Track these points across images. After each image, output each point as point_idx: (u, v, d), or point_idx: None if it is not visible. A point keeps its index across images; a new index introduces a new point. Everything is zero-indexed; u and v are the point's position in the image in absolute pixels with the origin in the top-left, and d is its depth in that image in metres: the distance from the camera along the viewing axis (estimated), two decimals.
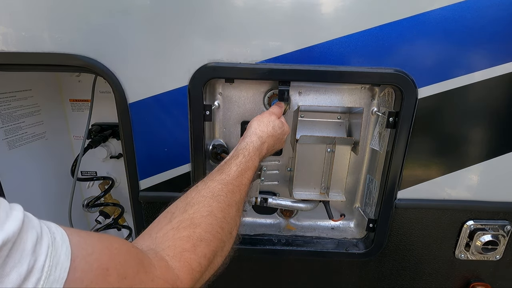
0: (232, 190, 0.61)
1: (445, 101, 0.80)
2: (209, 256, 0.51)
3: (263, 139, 0.74)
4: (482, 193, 0.90)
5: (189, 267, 0.46)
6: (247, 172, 0.66)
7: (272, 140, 0.77)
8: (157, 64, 0.78)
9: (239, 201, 0.62)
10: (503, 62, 0.77)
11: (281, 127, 0.80)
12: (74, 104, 1.27)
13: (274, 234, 1.03)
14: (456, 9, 0.73)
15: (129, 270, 0.36)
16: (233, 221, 0.59)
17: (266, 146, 0.75)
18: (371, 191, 0.97)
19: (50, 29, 0.75)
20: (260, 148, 0.73)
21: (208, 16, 0.74)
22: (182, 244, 0.49)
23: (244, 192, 0.65)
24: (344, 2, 0.73)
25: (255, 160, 0.70)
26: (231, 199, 0.60)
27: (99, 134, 1.22)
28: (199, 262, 0.48)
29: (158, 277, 0.40)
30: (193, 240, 0.50)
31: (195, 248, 0.49)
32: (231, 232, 0.58)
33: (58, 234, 0.32)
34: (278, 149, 0.83)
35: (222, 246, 0.55)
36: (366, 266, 1.01)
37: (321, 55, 0.77)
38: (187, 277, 0.45)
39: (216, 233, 0.54)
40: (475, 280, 1.02)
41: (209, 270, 0.52)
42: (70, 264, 0.31)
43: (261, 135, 0.74)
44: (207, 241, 0.51)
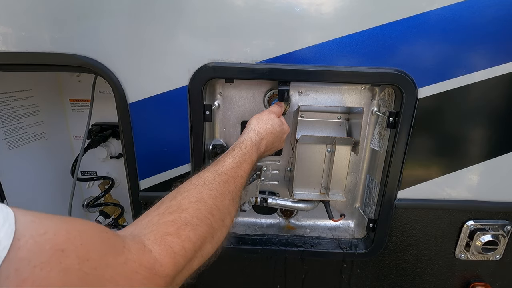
0: (226, 180, 0.60)
1: (445, 101, 0.80)
2: (194, 241, 0.48)
3: (262, 135, 0.74)
4: (482, 193, 0.90)
5: (171, 251, 0.44)
6: (243, 165, 0.65)
7: (271, 137, 0.76)
8: (157, 64, 0.78)
9: (234, 191, 0.61)
10: (503, 62, 0.77)
11: (281, 126, 0.79)
12: (74, 104, 1.27)
13: (274, 234, 1.03)
14: (456, 9, 0.73)
15: (92, 252, 0.34)
16: (226, 209, 0.57)
17: (265, 143, 0.74)
18: (371, 191, 0.97)
19: (50, 29, 0.75)
20: (258, 143, 0.72)
21: (208, 16, 0.74)
22: (165, 228, 0.47)
23: (239, 183, 0.63)
24: (344, 2, 0.73)
25: (252, 155, 0.69)
26: (225, 188, 0.58)
27: (99, 134, 1.22)
28: (183, 246, 0.46)
29: (131, 260, 0.38)
30: (178, 224, 0.48)
31: (179, 231, 0.47)
32: (223, 220, 0.56)
33: (2, 213, 0.30)
34: (277, 148, 0.82)
35: (212, 233, 0.52)
36: (366, 266, 1.01)
37: (321, 55, 0.77)
38: (169, 261, 0.43)
39: (204, 218, 0.51)
40: (475, 280, 1.02)
41: (197, 257, 0.50)
42: (12, 243, 0.29)
43: (259, 131, 0.74)
44: (193, 225, 0.49)
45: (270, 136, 0.76)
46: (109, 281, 0.35)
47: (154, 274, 0.40)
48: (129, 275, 0.37)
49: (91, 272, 0.33)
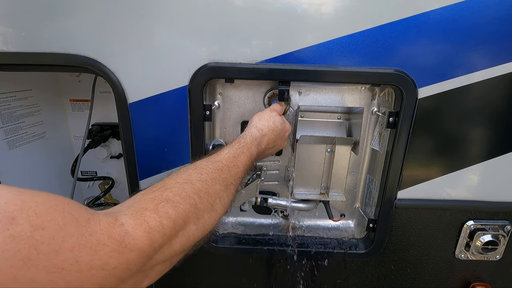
0: (220, 168, 0.59)
1: (445, 101, 0.80)
2: (175, 218, 0.46)
3: (263, 132, 0.73)
4: (482, 193, 0.90)
5: (146, 225, 0.42)
6: (240, 156, 0.64)
7: (273, 134, 0.75)
8: (157, 64, 0.78)
9: (227, 179, 0.59)
10: (503, 62, 0.77)
11: (282, 124, 0.79)
12: (74, 104, 1.27)
13: (274, 234, 1.03)
14: (456, 9, 0.73)
15: (49, 222, 0.33)
16: (216, 194, 0.55)
17: (266, 140, 0.74)
18: (371, 191, 0.97)
19: (50, 29, 0.75)
20: (260, 139, 0.72)
21: (208, 16, 0.74)
22: (144, 204, 0.46)
23: (235, 173, 0.62)
24: (344, 2, 0.73)
25: (251, 148, 0.68)
26: (217, 174, 0.57)
27: (99, 134, 1.22)
28: (160, 221, 0.44)
29: (99, 232, 0.37)
30: (157, 201, 0.46)
31: (158, 207, 0.45)
32: (212, 205, 0.54)
33: None
34: (279, 147, 0.82)
35: (196, 214, 0.50)
36: (366, 266, 1.01)
37: (321, 55, 0.77)
38: (142, 235, 0.41)
39: (188, 198, 0.50)
40: (475, 280, 1.02)
41: (179, 237, 0.47)
42: None
43: (261, 128, 0.74)
44: (174, 203, 0.47)
45: (272, 133, 0.75)
46: (69, 251, 0.33)
47: (124, 247, 0.38)
48: (94, 246, 0.36)
49: (46, 241, 0.32)
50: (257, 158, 0.73)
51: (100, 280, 0.36)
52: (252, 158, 0.69)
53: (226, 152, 0.64)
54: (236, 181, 0.62)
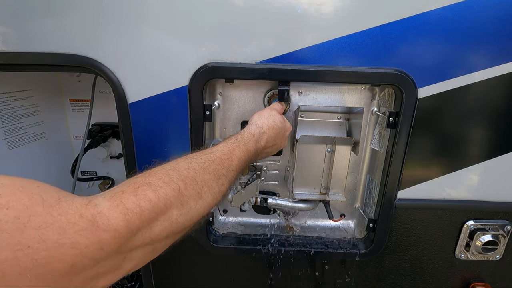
0: (212, 159, 0.58)
1: (445, 101, 0.80)
2: (155, 202, 0.45)
3: (263, 129, 0.73)
4: (482, 193, 0.90)
5: (122, 206, 0.41)
6: (236, 150, 0.64)
7: (273, 132, 0.75)
8: (157, 64, 0.78)
9: (219, 170, 0.58)
10: (503, 62, 0.77)
11: (282, 122, 0.78)
12: (74, 104, 1.27)
13: (274, 234, 1.03)
14: (456, 9, 0.73)
15: (14, 202, 0.33)
16: (204, 183, 0.54)
17: (266, 137, 0.73)
18: (371, 191, 0.97)
19: (50, 29, 0.75)
20: (258, 137, 0.71)
21: (208, 16, 0.74)
22: (123, 188, 0.45)
23: (227, 166, 0.60)
24: (344, 2, 0.73)
25: (249, 144, 0.67)
26: (208, 165, 0.56)
27: (99, 134, 1.22)
28: (138, 203, 0.43)
29: (70, 212, 0.36)
30: (138, 184, 0.46)
31: (137, 190, 0.44)
32: (199, 193, 0.53)
33: None
34: (280, 146, 0.81)
35: (180, 199, 0.49)
36: (366, 266, 1.01)
37: (321, 55, 0.77)
38: (118, 216, 0.40)
39: (172, 183, 0.49)
40: (475, 280, 1.02)
41: (160, 221, 0.46)
42: None
43: (260, 125, 0.73)
44: (155, 186, 0.46)
45: (272, 131, 0.74)
46: (35, 229, 0.33)
47: (96, 226, 0.37)
48: (63, 225, 0.35)
49: (10, 220, 0.32)
50: (255, 155, 0.72)
51: (71, 259, 0.35)
52: (250, 154, 0.67)
53: (221, 146, 0.64)
54: (230, 174, 0.61)
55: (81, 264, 0.36)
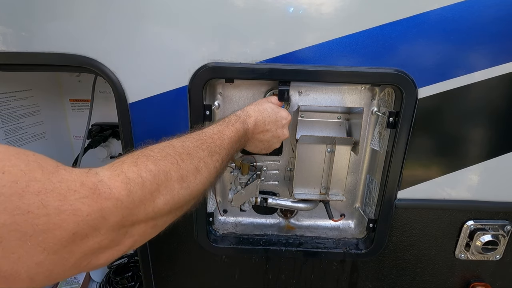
0: (205, 139, 0.60)
1: (445, 101, 0.80)
2: (155, 172, 0.45)
3: (248, 113, 0.74)
4: (482, 193, 0.90)
5: (124, 176, 0.41)
6: (225, 130, 0.65)
7: (261, 115, 0.75)
8: (157, 64, 0.78)
9: (211, 148, 0.59)
10: (503, 62, 0.77)
11: (273, 109, 0.78)
12: (74, 104, 1.27)
13: (274, 234, 1.03)
14: (456, 9, 0.73)
15: (10, 167, 0.32)
16: (200, 159, 0.55)
17: (253, 120, 0.73)
18: (371, 191, 0.97)
19: (50, 29, 0.75)
20: (244, 119, 0.72)
21: (208, 16, 0.74)
22: (123, 159, 0.45)
23: (219, 144, 0.62)
24: (344, 2, 0.73)
25: (237, 125, 0.69)
26: (200, 143, 0.58)
27: (99, 134, 1.22)
28: (139, 173, 0.43)
29: (70, 179, 0.36)
30: (137, 156, 0.46)
31: (137, 161, 0.44)
32: (197, 167, 0.53)
33: None
34: (277, 134, 0.79)
35: (180, 172, 0.49)
36: (366, 266, 1.01)
37: (321, 55, 0.77)
38: (119, 185, 0.40)
39: (169, 157, 0.49)
40: (475, 280, 1.02)
41: (162, 193, 0.46)
42: None
43: (246, 110, 0.75)
44: (154, 158, 0.46)
45: (260, 114, 0.75)
46: (35, 195, 0.32)
47: (98, 194, 0.37)
48: (64, 192, 0.34)
49: (7, 184, 0.31)
50: (246, 138, 0.73)
51: (72, 226, 0.34)
52: (239, 134, 0.68)
53: (210, 128, 0.66)
54: (222, 152, 0.62)
55: (82, 232, 0.35)
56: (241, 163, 0.88)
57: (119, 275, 1.27)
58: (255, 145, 0.79)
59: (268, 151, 0.83)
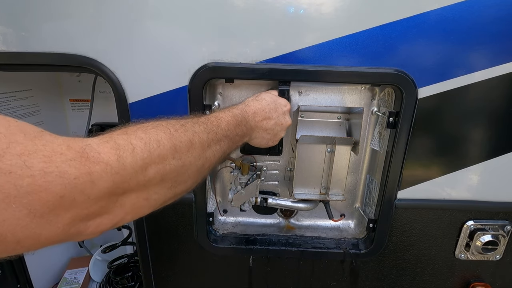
0: (202, 120, 0.60)
1: (445, 101, 0.80)
2: (146, 141, 0.43)
3: (246, 103, 0.76)
4: (482, 193, 0.90)
5: (113, 142, 0.40)
6: (221, 114, 0.66)
7: (260, 104, 0.75)
8: (157, 64, 0.78)
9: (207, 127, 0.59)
10: (503, 62, 0.77)
11: (271, 97, 0.78)
12: (74, 104, 1.27)
13: (274, 234, 1.03)
14: (456, 9, 0.73)
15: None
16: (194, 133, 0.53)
17: (253, 109, 0.74)
18: (371, 191, 0.97)
19: (50, 29, 0.75)
20: (243, 107, 0.74)
21: (208, 16, 0.74)
22: (112, 130, 0.43)
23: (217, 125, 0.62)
24: (344, 2, 0.73)
25: (233, 110, 0.70)
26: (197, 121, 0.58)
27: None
28: (129, 140, 0.41)
29: (53, 142, 0.35)
30: (126, 127, 0.45)
31: (127, 130, 0.43)
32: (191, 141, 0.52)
33: None
34: (281, 122, 0.78)
35: (173, 142, 0.48)
36: (366, 266, 1.01)
37: (321, 55, 0.77)
38: (108, 151, 0.38)
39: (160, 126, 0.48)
40: (475, 280, 1.02)
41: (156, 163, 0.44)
42: None
43: (244, 101, 0.78)
44: (145, 128, 0.45)
45: (258, 104, 0.76)
46: (17, 156, 0.31)
47: (86, 158, 0.36)
48: (49, 154, 0.33)
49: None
50: (248, 125, 0.72)
51: (59, 189, 0.33)
52: (237, 118, 0.68)
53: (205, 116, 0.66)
54: (219, 132, 0.61)
55: (70, 196, 0.34)
56: (241, 163, 0.88)
57: (119, 275, 1.28)
58: (261, 136, 0.77)
59: (274, 143, 0.82)
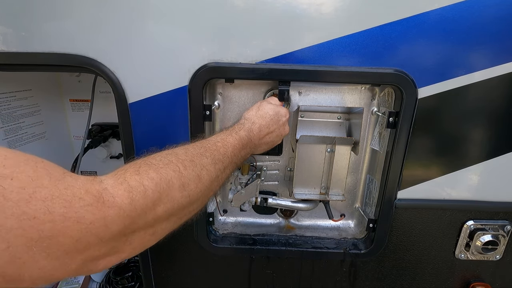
0: (208, 147, 0.61)
1: (445, 101, 0.80)
2: (157, 181, 0.45)
3: (252, 120, 0.75)
4: (482, 193, 0.90)
5: (126, 184, 0.41)
6: (229, 138, 0.67)
7: (264, 120, 0.76)
8: (157, 64, 0.78)
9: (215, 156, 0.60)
10: (503, 62, 0.77)
11: (273, 109, 0.78)
12: (74, 104, 1.27)
13: (274, 234, 1.03)
14: (456, 9, 0.73)
15: (18, 173, 0.33)
16: (202, 166, 0.55)
17: (258, 127, 0.75)
18: (371, 191, 0.97)
19: (50, 29, 0.75)
20: (249, 126, 0.73)
21: (208, 16, 0.74)
22: (125, 167, 0.45)
23: (223, 152, 0.63)
24: (344, 2, 0.73)
25: (241, 133, 0.70)
26: (204, 150, 0.59)
27: (99, 134, 1.22)
28: (141, 182, 0.43)
29: (75, 186, 0.37)
30: (139, 165, 0.46)
31: (139, 169, 0.45)
32: (199, 175, 0.53)
33: None
34: (280, 133, 0.80)
35: (181, 180, 0.49)
36: (366, 266, 1.01)
37: (321, 55, 0.77)
38: (122, 193, 0.40)
39: (171, 164, 0.49)
40: (475, 280, 1.02)
41: (163, 202, 0.46)
42: None
43: (248, 117, 0.76)
44: (156, 166, 0.47)
45: (263, 120, 0.76)
46: (41, 201, 0.33)
47: (102, 202, 0.38)
48: (69, 199, 0.35)
49: (15, 190, 0.32)
50: (252, 145, 0.73)
51: (76, 234, 0.35)
52: (243, 142, 0.69)
53: (214, 136, 0.67)
54: (226, 160, 0.63)
55: (85, 240, 0.36)
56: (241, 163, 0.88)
57: (119, 275, 1.27)
58: (262, 149, 0.81)
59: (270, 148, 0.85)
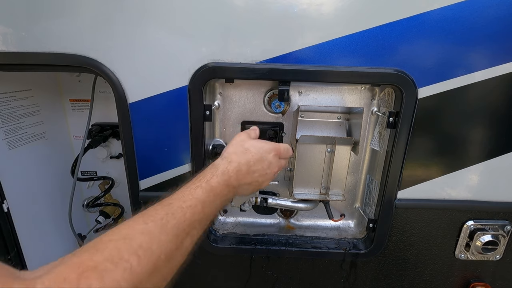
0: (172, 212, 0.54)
1: (445, 101, 0.80)
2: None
3: (229, 159, 0.67)
4: (482, 193, 0.90)
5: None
6: (198, 192, 0.58)
7: (244, 159, 0.67)
8: (157, 64, 0.78)
9: (179, 226, 0.54)
10: (503, 62, 0.77)
11: (257, 146, 0.70)
12: (74, 104, 1.27)
13: (274, 234, 1.03)
14: (456, 9, 0.73)
15: None
16: (162, 251, 0.49)
17: (235, 167, 0.65)
18: (371, 191, 0.97)
19: (50, 29, 0.75)
20: (224, 169, 0.64)
21: (208, 16, 0.74)
22: (66, 271, 0.40)
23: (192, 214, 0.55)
24: (344, 2, 0.73)
25: (212, 181, 0.61)
26: (167, 222, 0.52)
27: (99, 134, 1.22)
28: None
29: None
30: (82, 269, 0.40)
31: (80, 279, 0.39)
32: (156, 265, 0.48)
33: None
34: (271, 170, 0.72)
35: (133, 281, 0.44)
36: (366, 266, 1.01)
37: (321, 55, 0.77)
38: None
39: (122, 261, 0.44)
40: (475, 280, 1.02)
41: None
42: None
43: (226, 155, 0.68)
44: (101, 271, 0.41)
45: (243, 157, 0.67)
46: None
47: None
48: None
49: None
50: (227, 191, 0.64)
51: None
52: (216, 192, 0.61)
53: (182, 190, 0.59)
54: (193, 224, 0.56)
55: None
56: None
57: None
58: (245, 189, 0.70)
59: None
